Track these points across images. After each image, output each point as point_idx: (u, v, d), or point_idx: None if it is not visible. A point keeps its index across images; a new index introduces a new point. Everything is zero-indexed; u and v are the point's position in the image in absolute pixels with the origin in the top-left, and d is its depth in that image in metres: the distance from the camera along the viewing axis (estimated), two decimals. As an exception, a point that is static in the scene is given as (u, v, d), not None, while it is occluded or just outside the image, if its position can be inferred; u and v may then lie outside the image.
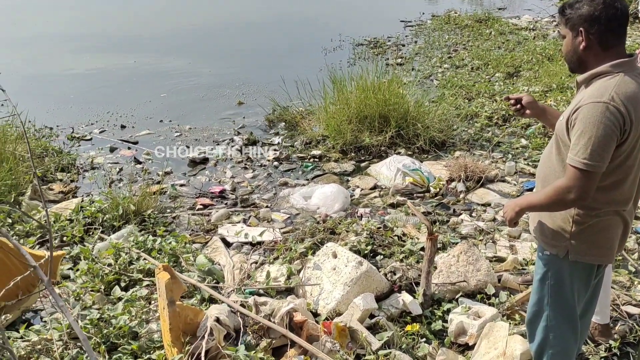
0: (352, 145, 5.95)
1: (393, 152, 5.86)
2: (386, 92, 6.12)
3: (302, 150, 6.13)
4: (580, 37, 2.11)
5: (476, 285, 3.53)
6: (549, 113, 2.55)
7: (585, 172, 2.00)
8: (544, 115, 2.55)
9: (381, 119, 6.04)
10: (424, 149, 5.94)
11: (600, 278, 2.39)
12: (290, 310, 3.08)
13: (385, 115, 6.03)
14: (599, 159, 1.98)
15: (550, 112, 2.55)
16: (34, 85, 8.85)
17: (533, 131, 6.23)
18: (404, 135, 6.00)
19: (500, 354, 2.86)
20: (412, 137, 6.00)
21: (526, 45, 9.88)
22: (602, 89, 2.02)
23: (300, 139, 6.35)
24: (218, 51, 11.13)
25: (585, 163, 1.98)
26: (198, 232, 4.50)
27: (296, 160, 5.97)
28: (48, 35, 12.42)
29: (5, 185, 4.74)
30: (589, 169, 1.99)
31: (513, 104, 2.58)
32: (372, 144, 5.90)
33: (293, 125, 6.76)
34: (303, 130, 6.48)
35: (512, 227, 2.39)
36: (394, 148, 5.96)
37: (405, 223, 4.40)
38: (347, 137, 5.91)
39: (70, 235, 4.25)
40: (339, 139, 5.97)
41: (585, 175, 2.00)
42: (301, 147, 6.20)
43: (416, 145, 5.95)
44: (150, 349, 2.96)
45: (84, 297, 3.47)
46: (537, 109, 2.54)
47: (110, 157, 6.18)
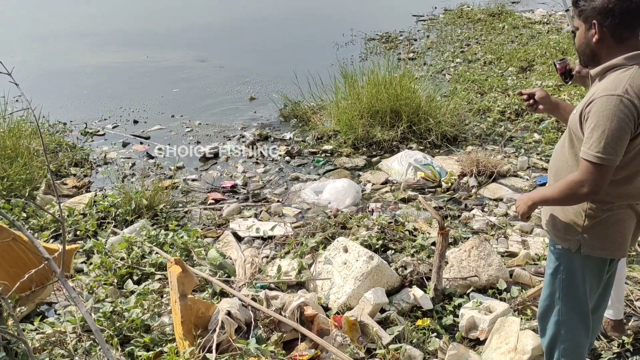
0: (364, 141, 5.94)
1: (405, 147, 5.84)
2: (398, 86, 6.09)
3: (314, 145, 6.13)
4: (593, 29, 2.08)
5: (487, 280, 3.52)
6: (562, 107, 2.52)
7: (598, 166, 1.97)
8: (557, 110, 2.53)
9: (393, 114, 6.03)
10: (435, 143, 5.92)
11: (613, 273, 2.36)
12: (301, 304, 3.09)
13: (397, 110, 6.01)
14: (612, 153, 1.96)
15: (564, 107, 2.52)
16: (48, 81, 8.94)
17: (546, 125, 6.18)
18: (416, 130, 5.98)
19: (511, 349, 2.85)
20: (424, 132, 5.98)
21: (540, 39, 9.78)
22: (616, 82, 2.00)
23: (312, 134, 6.35)
24: (231, 47, 11.16)
25: (599, 157, 1.96)
26: (210, 226, 4.53)
27: (307, 155, 5.97)
28: (63, 32, 12.53)
29: (20, 180, 4.80)
30: (602, 162, 1.96)
31: (526, 99, 2.55)
32: (384, 139, 5.88)
33: (304, 120, 6.76)
34: (314, 125, 6.48)
35: (525, 222, 2.37)
36: (405, 143, 5.94)
37: (417, 218, 4.39)
38: (358, 132, 5.90)
39: (83, 229, 4.29)
40: (350, 133, 5.96)
41: (598, 169, 1.98)
42: (313, 142, 6.20)
43: (428, 140, 5.93)
44: (162, 341, 2.98)
45: (97, 290, 3.50)
46: (550, 104, 2.51)
47: (123, 152, 6.23)
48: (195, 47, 10.99)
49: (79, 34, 12.34)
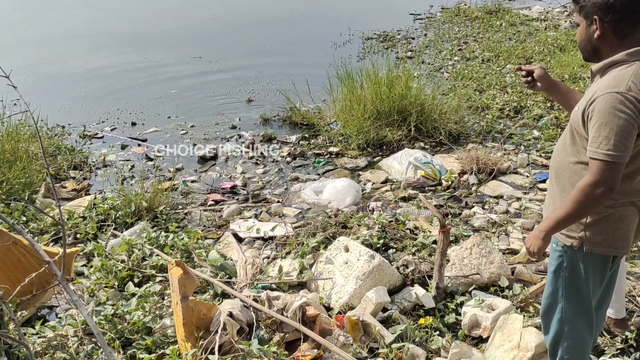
0: (373, 143, 5.87)
1: (412, 146, 5.81)
2: (403, 86, 6.07)
3: (322, 147, 6.07)
4: (594, 25, 2.08)
5: (489, 277, 3.51)
6: (560, 88, 2.49)
7: (610, 164, 1.95)
8: (554, 90, 2.50)
9: (398, 114, 5.99)
10: (442, 142, 5.89)
11: (616, 270, 2.35)
12: (303, 304, 3.08)
13: (402, 110, 5.98)
14: (623, 149, 1.94)
15: (561, 87, 2.50)
16: (45, 84, 8.91)
17: (545, 122, 6.18)
18: (423, 128, 5.96)
19: (514, 346, 2.84)
20: (430, 131, 5.97)
21: (537, 36, 9.78)
22: (618, 79, 1.99)
23: (322, 138, 6.23)
24: (228, 48, 11.12)
25: (610, 154, 1.94)
26: (210, 227, 4.52)
27: (310, 157, 5.93)
28: (61, 34, 12.48)
29: (19, 184, 4.78)
30: (614, 159, 1.95)
31: (524, 76, 2.53)
32: (394, 139, 5.85)
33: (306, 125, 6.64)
34: (320, 128, 6.38)
35: (541, 259, 2.29)
36: (412, 142, 5.92)
37: (417, 216, 4.38)
38: (371, 135, 5.85)
39: (83, 232, 4.28)
40: (361, 137, 5.90)
41: (610, 167, 1.96)
42: (322, 144, 6.12)
43: (434, 140, 5.91)
44: (164, 344, 2.97)
45: (98, 293, 3.49)
46: (548, 83, 2.48)
47: (122, 154, 6.22)
48: (193, 47, 10.94)
49: (75, 36, 12.29)
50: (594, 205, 2.04)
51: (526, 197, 4.75)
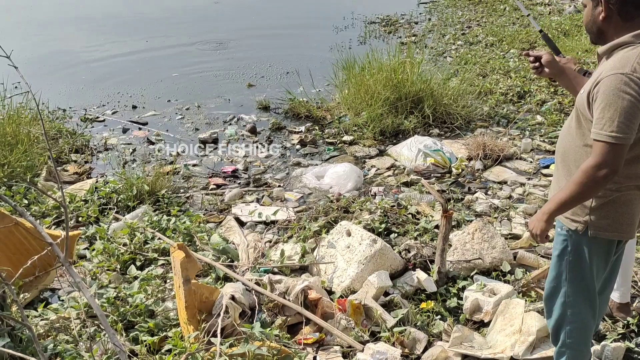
0: (389, 132, 5.79)
1: (427, 134, 5.75)
2: (415, 71, 6.01)
3: (335, 136, 5.97)
4: (600, 7, 2.06)
5: (491, 262, 3.51)
6: (568, 73, 2.46)
7: (614, 146, 1.94)
8: (562, 76, 2.46)
9: (410, 101, 5.93)
10: (457, 127, 5.84)
11: (620, 254, 2.35)
12: (304, 288, 3.09)
13: (411, 96, 5.92)
14: (627, 130, 1.92)
15: (569, 73, 2.46)
16: (46, 67, 8.86)
17: (549, 107, 6.14)
18: (437, 115, 5.91)
19: (516, 330, 2.85)
20: (444, 116, 5.93)
21: (541, 21, 9.68)
22: (623, 60, 1.97)
23: (337, 127, 6.09)
24: (230, 31, 11.04)
25: (614, 136, 1.92)
26: (212, 211, 4.52)
27: (321, 145, 5.85)
28: (62, 18, 12.38)
29: (20, 167, 4.77)
30: (618, 141, 1.93)
31: (532, 61, 2.50)
32: (410, 127, 5.79)
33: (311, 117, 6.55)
34: (334, 121, 6.23)
35: (544, 242, 2.27)
36: (427, 130, 5.86)
37: (420, 201, 4.38)
38: (388, 122, 5.76)
39: (85, 215, 4.28)
40: (375, 125, 5.80)
41: (614, 149, 1.94)
42: (336, 132, 6.01)
43: (447, 126, 5.87)
44: (166, 326, 2.98)
45: (100, 276, 3.50)
46: (556, 69, 2.45)
47: (123, 138, 6.19)
48: (194, 30, 10.87)
49: (75, 19, 12.19)
50: (597, 188, 2.03)
51: (530, 183, 4.74)
